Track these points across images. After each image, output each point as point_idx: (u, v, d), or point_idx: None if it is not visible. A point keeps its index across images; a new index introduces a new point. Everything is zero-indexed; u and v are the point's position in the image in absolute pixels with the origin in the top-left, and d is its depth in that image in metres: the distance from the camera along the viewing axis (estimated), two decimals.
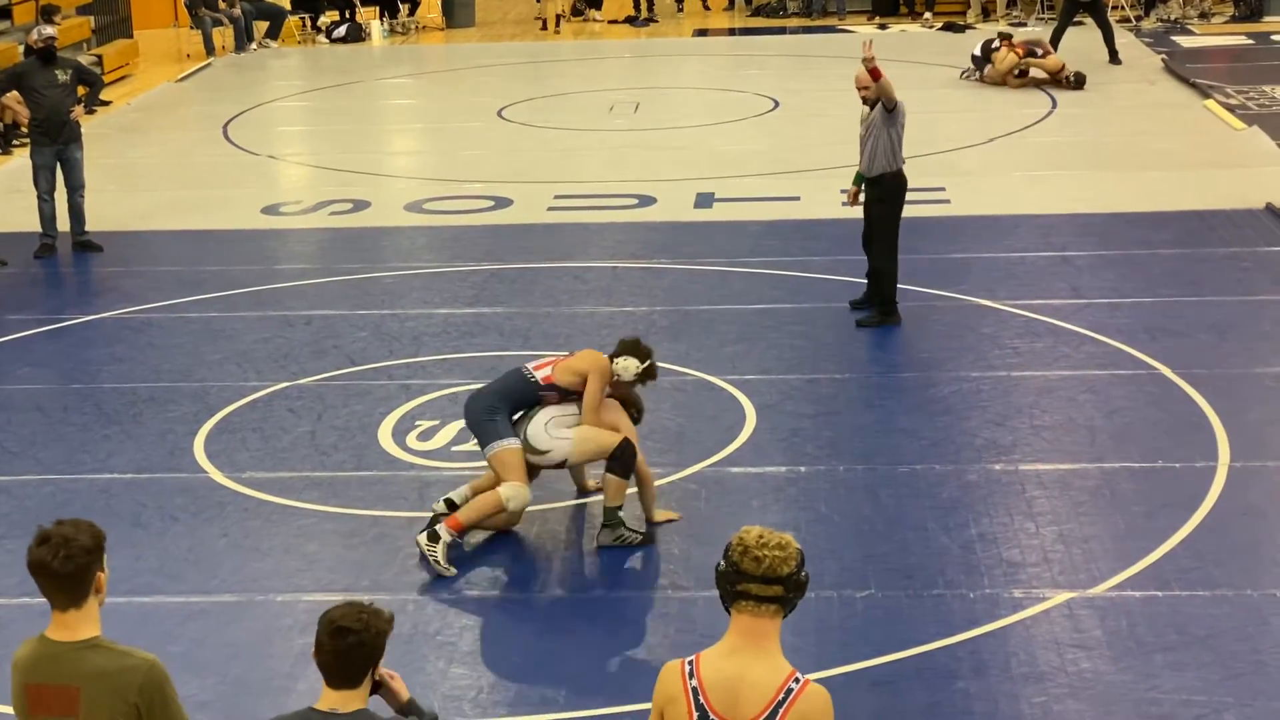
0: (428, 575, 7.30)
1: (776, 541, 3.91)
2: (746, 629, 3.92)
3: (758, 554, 3.89)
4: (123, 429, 9.12)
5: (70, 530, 4.04)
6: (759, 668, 3.90)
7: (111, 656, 4.04)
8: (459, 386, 9.58)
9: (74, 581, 4.03)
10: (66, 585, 4.03)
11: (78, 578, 4.03)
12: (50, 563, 4.00)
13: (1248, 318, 10.43)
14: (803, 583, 3.95)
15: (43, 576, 4.04)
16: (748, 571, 3.89)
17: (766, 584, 3.89)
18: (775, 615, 3.92)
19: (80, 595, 4.05)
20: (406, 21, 25.46)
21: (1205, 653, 6.39)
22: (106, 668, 4.03)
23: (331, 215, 13.99)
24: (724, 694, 3.89)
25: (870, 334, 10.39)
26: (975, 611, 6.79)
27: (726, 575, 3.93)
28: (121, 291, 11.76)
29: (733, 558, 3.91)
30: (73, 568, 4.01)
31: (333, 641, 3.96)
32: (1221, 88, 18.03)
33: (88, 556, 4.03)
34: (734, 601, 3.93)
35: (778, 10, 25.93)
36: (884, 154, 10.36)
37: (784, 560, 3.90)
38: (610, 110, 18.49)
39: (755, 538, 3.91)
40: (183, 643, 6.71)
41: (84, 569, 4.03)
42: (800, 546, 3.98)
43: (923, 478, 8.13)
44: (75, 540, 4.02)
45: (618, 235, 13.03)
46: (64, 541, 4.01)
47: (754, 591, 3.90)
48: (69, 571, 4.01)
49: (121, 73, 21.45)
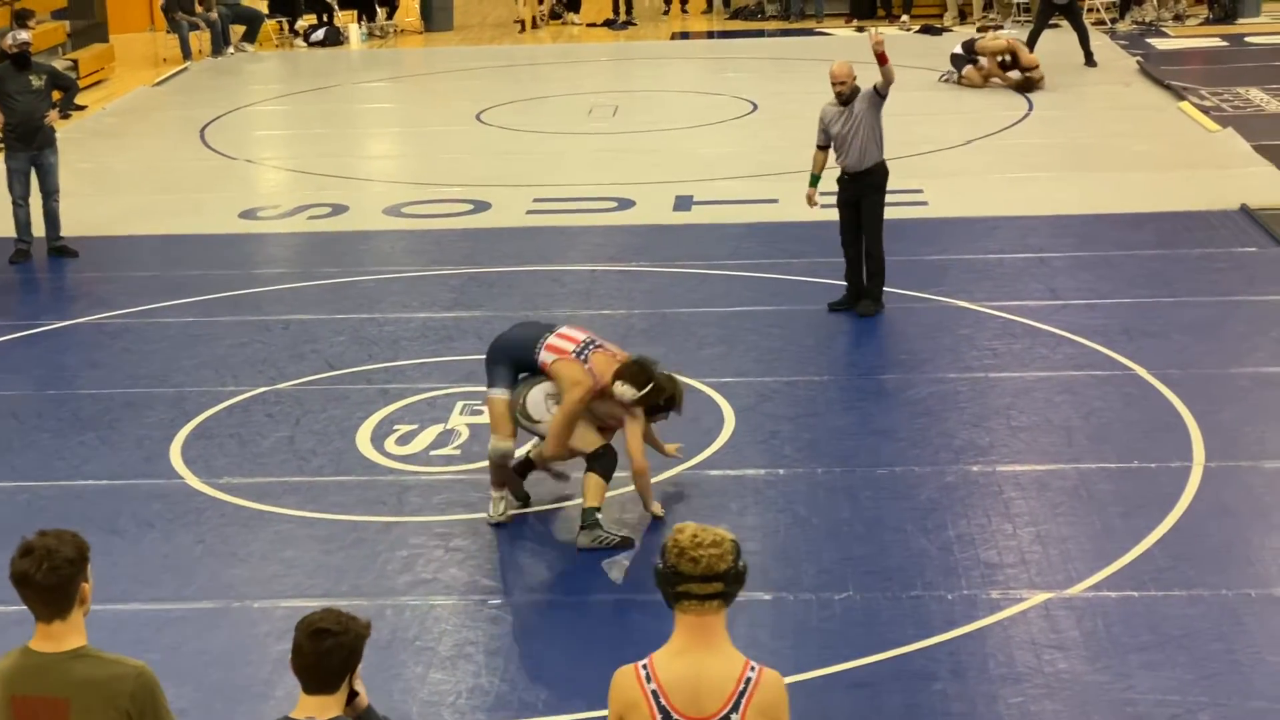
0: (406, 581, 7.29)
1: (711, 539, 3.93)
2: (693, 627, 3.96)
3: (694, 554, 3.91)
4: (99, 435, 9.09)
5: (53, 541, 4.02)
6: (714, 663, 3.94)
7: (100, 665, 4.03)
8: (437, 390, 9.58)
9: (58, 593, 4.01)
10: (51, 597, 4.01)
11: (62, 589, 4.01)
12: (34, 575, 3.98)
13: (1223, 318, 10.48)
14: (741, 574, 3.98)
15: (26, 588, 4.01)
16: (686, 572, 3.92)
17: (706, 582, 3.92)
18: (719, 610, 3.96)
19: (65, 607, 4.03)
20: (384, 25, 25.43)
21: (1181, 653, 6.41)
22: (96, 676, 4.01)
23: (309, 219, 13.96)
24: (685, 693, 3.92)
25: (848, 336, 10.40)
26: (953, 613, 6.80)
27: (666, 577, 3.96)
28: (97, 297, 11.73)
29: (670, 560, 3.94)
30: (56, 579, 3.99)
31: (312, 643, 3.94)
32: (1196, 90, 18.10)
33: (72, 568, 4.02)
34: (677, 602, 3.96)
35: (756, 13, 25.96)
36: (874, 144, 10.55)
37: (720, 557, 3.92)
38: (589, 113, 18.49)
39: (689, 538, 3.94)
40: (159, 650, 6.68)
41: (68, 580, 4.01)
42: (734, 538, 4.00)
43: (901, 479, 8.15)
44: (59, 552, 4.00)
45: (596, 238, 13.04)
46: (47, 553, 3.99)
47: (695, 591, 3.92)
48: (53, 583, 3.99)
49: (97, 77, 21.38)
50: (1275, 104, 17.32)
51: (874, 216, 10.65)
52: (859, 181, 10.62)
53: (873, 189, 10.63)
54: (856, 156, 10.56)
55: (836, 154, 10.68)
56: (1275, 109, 17.10)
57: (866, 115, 10.51)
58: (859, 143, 10.52)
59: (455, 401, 9.39)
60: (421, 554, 7.55)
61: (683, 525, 4.00)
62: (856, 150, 10.53)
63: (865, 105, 10.51)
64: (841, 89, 10.54)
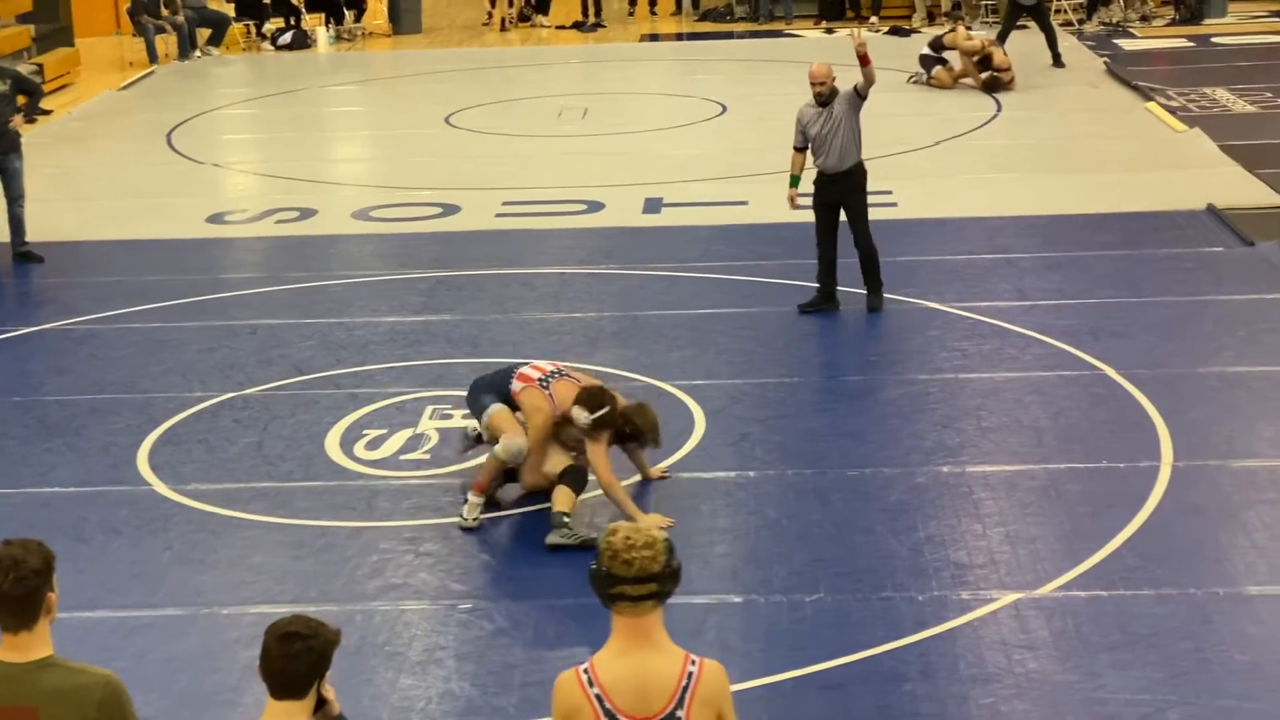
0: (376, 586, 7.26)
1: (643, 541, 3.96)
2: (631, 627, 3.98)
3: (626, 557, 3.94)
4: (65, 442, 9.03)
5: (19, 552, 4.00)
6: (655, 661, 3.97)
7: (68, 674, 4.00)
8: (406, 395, 9.55)
9: (25, 604, 3.99)
10: (18, 608, 3.99)
11: (29, 600, 3.99)
12: (1, 586, 3.96)
13: (1190, 318, 10.52)
14: (676, 571, 4.01)
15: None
16: (620, 575, 3.94)
17: (640, 583, 3.95)
18: (655, 609, 3.99)
19: (32, 617, 4.01)
20: (352, 28, 25.36)
21: (1150, 652, 6.43)
22: (63, 686, 3.99)
23: (277, 224, 13.91)
24: (629, 694, 3.93)
25: (818, 338, 10.41)
26: (924, 614, 6.81)
27: (600, 579, 3.98)
28: (63, 303, 11.65)
29: (603, 563, 3.96)
30: (23, 590, 3.97)
31: (281, 647, 3.93)
32: (1163, 90, 18.18)
33: (38, 578, 3.99)
34: (612, 603, 3.98)
35: (725, 15, 25.98)
36: (854, 145, 10.63)
37: (653, 559, 3.95)
38: (558, 116, 18.48)
39: (622, 541, 3.96)
40: (126, 657, 6.64)
41: (35, 590, 3.99)
42: (666, 537, 4.03)
43: (871, 481, 8.16)
44: (25, 562, 3.98)
45: (566, 241, 13.02)
46: (14, 564, 3.97)
47: (630, 592, 3.95)
48: (19, 594, 3.97)
49: (63, 81, 21.26)
50: (1242, 104, 17.42)
51: (861, 216, 10.73)
52: (839, 183, 10.65)
53: (854, 190, 10.70)
54: (836, 158, 10.59)
55: (815, 155, 10.71)
56: (1242, 109, 17.19)
57: (846, 116, 10.54)
58: (838, 144, 10.56)
59: (424, 406, 9.37)
60: (391, 559, 7.52)
61: (615, 526, 4.02)
62: (836, 151, 10.56)
63: (845, 106, 10.54)
64: (820, 90, 10.58)
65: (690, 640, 6.43)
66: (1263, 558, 7.20)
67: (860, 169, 10.71)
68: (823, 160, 10.66)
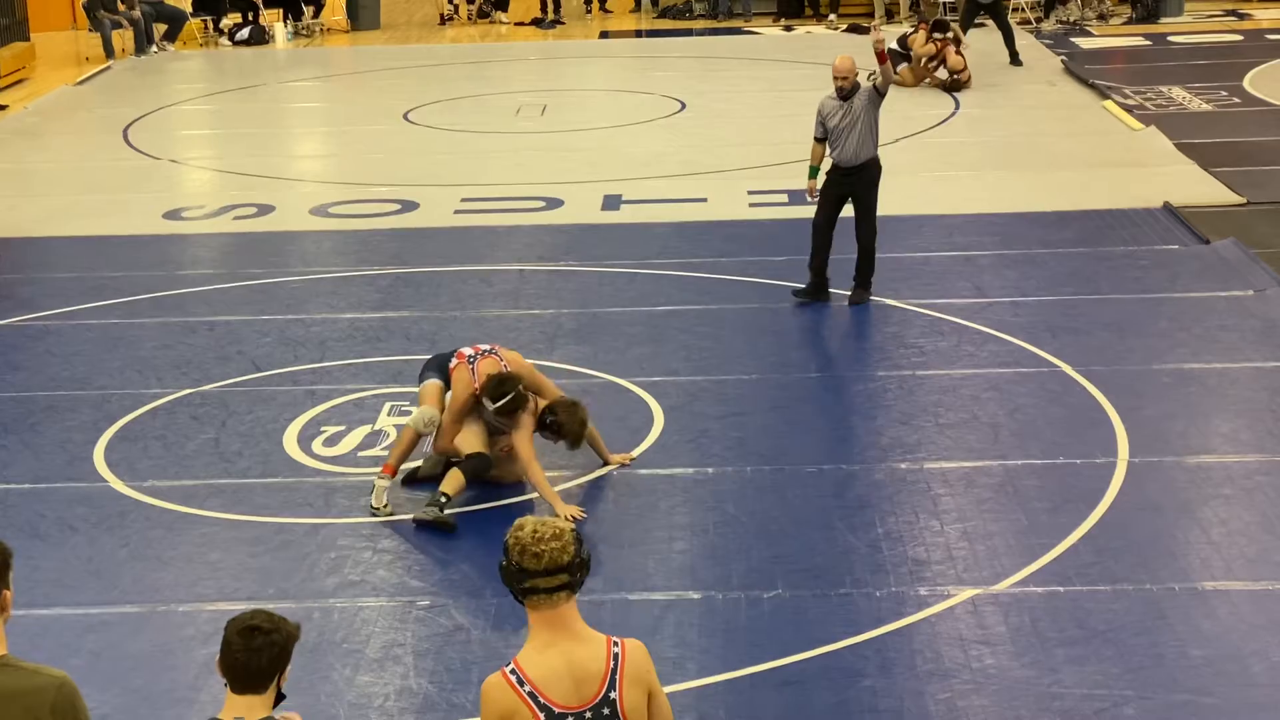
0: (334, 583, 7.24)
1: (551, 533, 3.98)
2: (549, 620, 4.00)
3: (535, 550, 3.96)
4: (20, 438, 8.96)
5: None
6: (580, 649, 3.99)
7: (21, 676, 3.96)
8: (365, 391, 9.52)
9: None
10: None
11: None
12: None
13: (1146, 315, 10.59)
14: (586, 561, 4.04)
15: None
16: (530, 568, 3.96)
17: (551, 575, 3.97)
18: (569, 599, 4.01)
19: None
20: (311, 24, 25.25)
21: (1106, 647, 6.47)
22: (17, 688, 3.95)
23: (235, 220, 13.84)
24: (561, 685, 3.95)
25: (776, 335, 10.42)
26: (881, 610, 6.83)
27: (511, 574, 4.00)
28: (18, 299, 11.56)
29: (513, 557, 3.98)
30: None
31: (242, 640, 3.92)
32: (1120, 88, 18.30)
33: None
34: (526, 597, 4.00)
35: (684, 12, 25.99)
36: (871, 140, 10.71)
37: (562, 549, 3.97)
38: (517, 112, 18.45)
39: (530, 534, 3.97)
40: (83, 655, 6.60)
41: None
42: (573, 527, 4.06)
43: (829, 477, 8.18)
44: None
45: (525, 238, 13.00)
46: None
47: (542, 585, 3.97)
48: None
49: (18, 76, 21.09)
50: (1198, 103, 17.55)
51: (869, 211, 10.84)
52: (851, 177, 10.76)
53: (867, 184, 10.81)
54: (852, 151, 10.68)
55: (831, 147, 10.80)
56: (1198, 108, 17.32)
57: (866, 111, 10.65)
58: (855, 137, 10.64)
59: (383, 402, 9.34)
60: (349, 555, 7.50)
61: (522, 521, 4.04)
62: (853, 145, 10.66)
63: (864, 102, 10.66)
64: (843, 83, 10.67)
65: (648, 636, 6.45)
66: (1218, 553, 7.26)
67: (875, 164, 10.82)
68: (839, 153, 10.74)
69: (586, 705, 3.96)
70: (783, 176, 14.62)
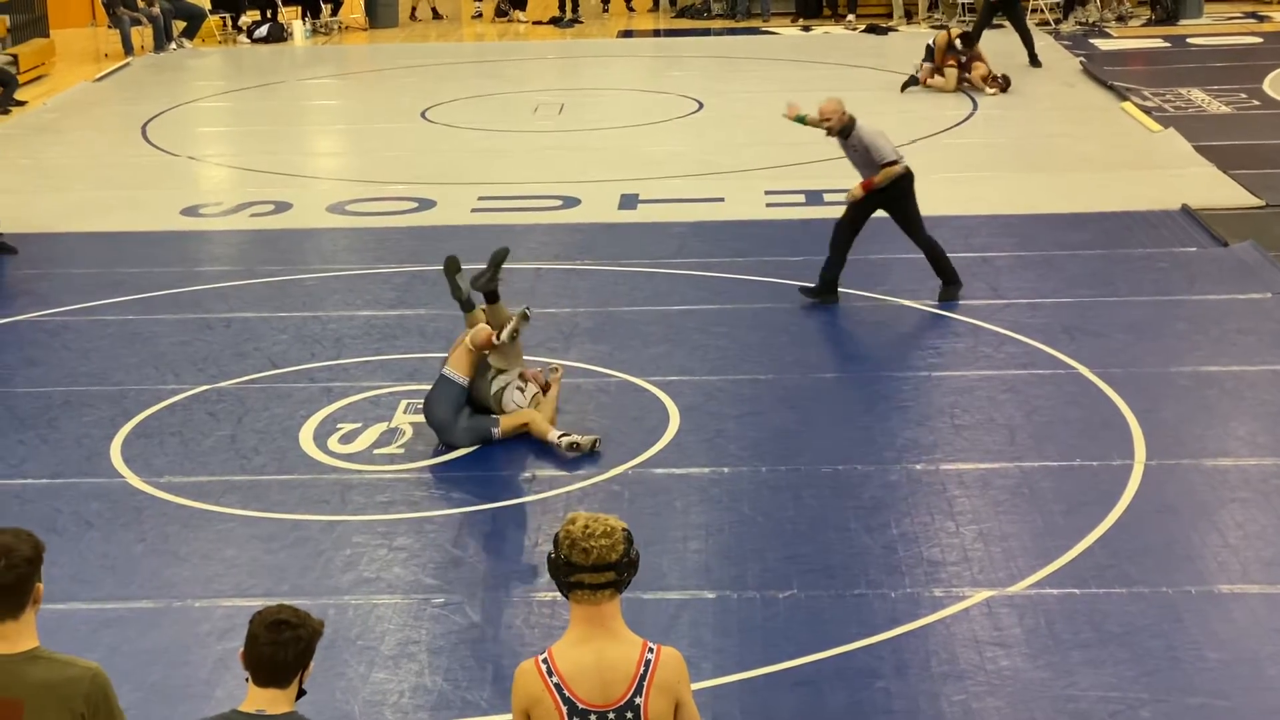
0: (349, 580, 7.25)
1: (602, 530, 3.97)
2: (589, 616, 4.01)
3: (585, 545, 3.96)
4: (38, 433, 8.99)
5: (10, 540, 4.01)
6: (613, 649, 3.99)
7: (54, 667, 4.00)
8: (381, 389, 9.53)
9: (14, 592, 3.99)
10: (6, 596, 3.99)
11: (18, 588, 3.99)
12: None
13: (1163, 318, 10.56)
14: (634, 561, 4.04)
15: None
16: (578, 563, 3.97)
17: (598, 572, 3.98)
18: (613, 598, 4.01)
19: (19, 606, 4.01)
20: (329, 21, 25.29)
21: (1121, 649, 6.46)
22: (50, 679, 3.98)
23: (252, 217, 13.87)
24: (588, 682, 3.95)
25: (792, 335, 10.39)
26: (896, 611, 6.82)
27: (559, 567, 4.00)
28: (37, 294, 11.60)
29: (562, 551, 3.98)
30: (13, 578, 3.97)
31: (269, 634, 3.95)
32: (1139, 90, 18.25)
33: (29, 567, 4.01)
34: (570, 592, 4.00)
35: (702, 12, 25.98)
36: (865, 166, 10.55)
37: (611, 548, 3.97)
38: (534, 111, 18.46)
39: (581, 529, 3.98)
40: (99, 650, 6.61)
41: (25, 579, 4.00)
42: (625, 526, 4.03)
43: (845, 478, 8.17)
44: (16, 550, 3.98)
45: (541, 236, 13.00)
46: (5, 551, 3.97)
47: (588, 581, 3.98)
48: (9, 582, 3.98)
49: (38, 72, 21.15)
50: (1217, 105, 17.50)
51: (909, 220, 10.70)
52: (876, 197, 10.63)
53: (892, 200, 10.64)
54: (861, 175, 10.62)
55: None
56: (1217, 110, 17.27)
57: (865, 156, 10.49)
58: (864, 170, 10.56)
59: (399, 400, 9.35)
60: (364, 553, 7.51)
61: (574, 515, 4.03)
62: (857, 177, 10.59)
63: (864, 149, 10.44)
64: (828, 125, 10.48)
65: (663, 635, 6.45)
66: (1234, 556, 7.24)
67: (890, 186, 10.54)
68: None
69: (610, 706, 3.96)
70: (800, 177, 14.61)
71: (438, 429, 8.66)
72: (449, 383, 8.65)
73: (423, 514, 7.92)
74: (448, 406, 8.62)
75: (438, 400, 8.66)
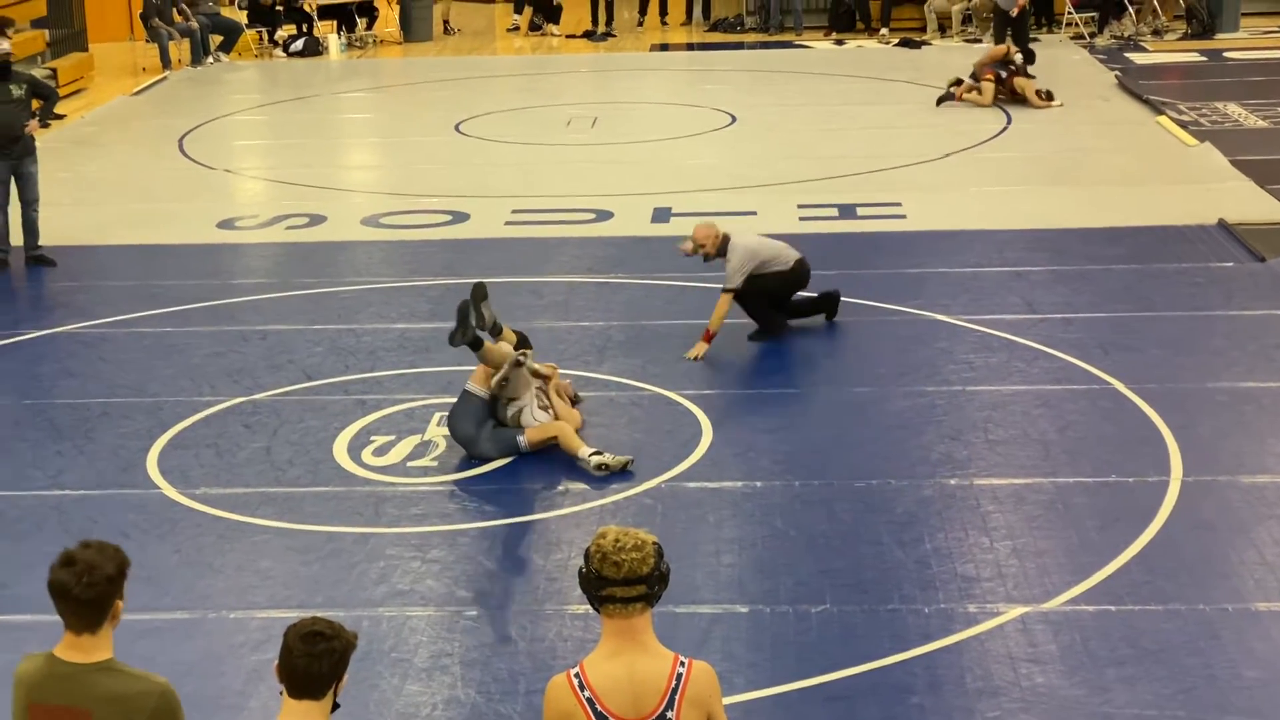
0: (382, 592, 7.27)
1: (633, 544, 3.98)
2: (620, 629, 4.01)
3: (616, 559, 3.97)
4: (75, 445, 9.05)
5: (95, 557, 4.08)
6: (645, 662, 4.00)
7: (125, 680, 4.05)
8: (415, 402, 9.56)
9: (94, 608, 4.06)
10: (86, 611, 4.06)
11: (98, 604, 4.06)
12: (72, 588, 4.03)
13: (1200, 333, 10.51)
14: (665, 575, 4.05)
15: (63, 600, 4.06)
16: (609, 576, 3.97)
17: (630, 585, 3.98)
18: (644, 611, 4.02)
19: (98, 621, 4.08)
20: (364, 35, 25.41)
21: (1158, 667, 6.42)
22: (120, 691, 4.03)
23: (287, 230, 13.93)
24: (620, 696, 3.95)
25: (825, 349, 10.40)
26: (930, 626, 6.80)
27: (590, 581, 4.00)
28: (75, 306, 11.68)
29: (593, 564, 3.98)
30: (94, 595, 4.04)
31: (305, 645, 3.96)
32: (1174, 104, 18.18)
33: (111, 585, 4.08)
34: (601, 605, 4.01)
35: (735, 26, 26.00)
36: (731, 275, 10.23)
37: (642, 561, 3.97)
38: (568, 125, 18.50)
39: (612, 543, 3.98)
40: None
41: (105, 597, 4.06)
42: (656, 539, 4.03)
43: (878, 492, 8.15)
44: (100, 569, 4.05)
45: (574, 250, 13.02)
46: (89, 569, 4.05)
47: (619, 594, 3.99)
48: (89, 598, 4.05)
49: (76, 86, 21.31)
50: (1253, 119, 17.41)
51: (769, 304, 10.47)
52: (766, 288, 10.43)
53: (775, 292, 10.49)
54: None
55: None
56: (1253, 124, 17.18)
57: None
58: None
59: (432, 413, 9.37)
60: (398, 565, 7.53)
61: (605, 529, 4.04)
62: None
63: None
64: (704, 250, 10.22)
65: (696, 649, 6.45)
66: (1272, 574, 7.19)
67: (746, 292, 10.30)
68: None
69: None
70: (832, 190, 14.60)
71: (464, 443, 8.70)
72: (470, 397, 8.72)
73: (456, 526, 7.93)
74: (470, 420, 8.68)
75: (460, 415, 8.71)
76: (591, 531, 7.67)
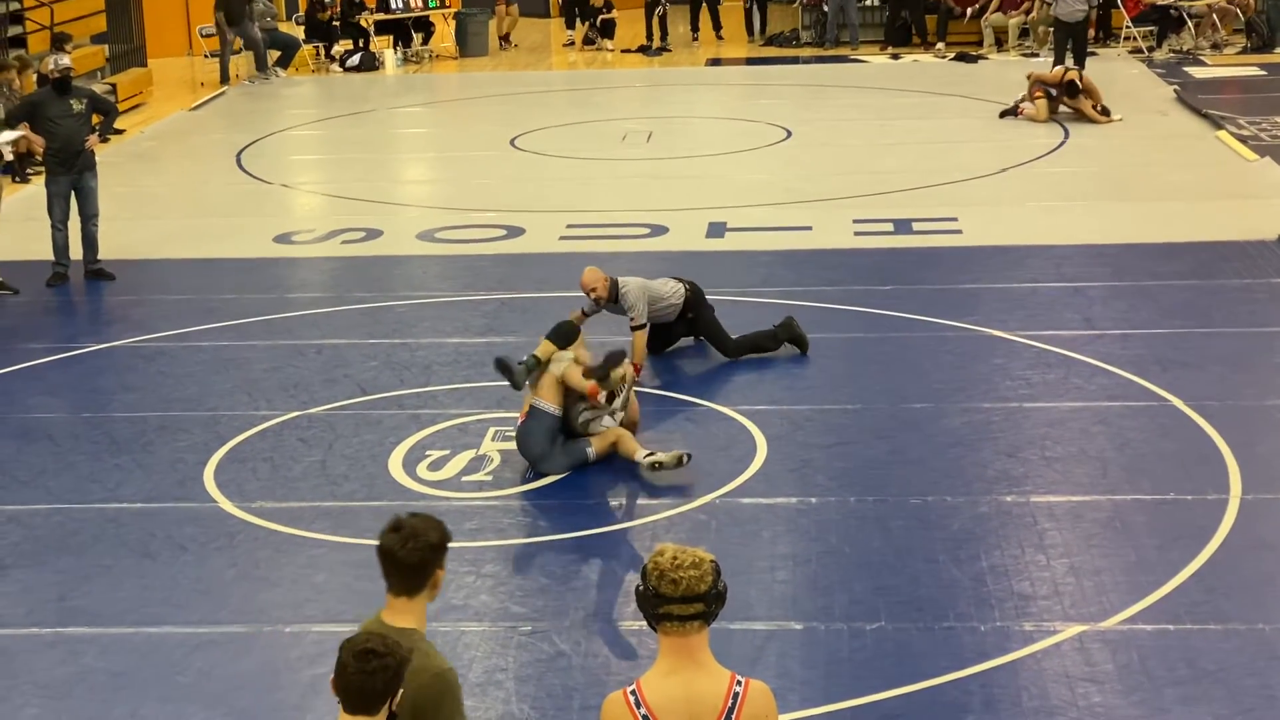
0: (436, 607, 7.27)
1: (691, 561, 3.97)
2: (677, 647, 4.00)
3: (674, 576, 3.96)
4: (133, 458, 9.13)
5: (421, 524, 4.33)
6: (701, 681, 3.98)
7: (415, 655, 4.14)
8: (469, 416, 9.58)
9: (415, 572, 4.30)
10: (407, 573, 4.30)
11: (419, 569, 4.30)
12: (397, 551, 4.28)
13: (1260, 349, 10.40)
14: (722, 593, 4.04)
15: (388, 562, 4.31)
16: (667, 594, 3.97)
17: (687, 603, 3.98)
18: (701, 629, 4.01)
19: (417, 586, 4.31)
20: (420, 50, 25.56)
21: (1216, 687, 6.35)
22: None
23: (343, 244, 14.02)
24: (676, 715, 3.95)
25: (881, 365, 10.36)
26: (986, 644, 6.76)
27: (647, 599, 4.00)
28: (133, 320, 11.79)
29: (650, 582, 3.97)
30: (416, 559, 4.28)
31: (358, 662, 3.98)
32: (1234, 119, 18.02)
33: (433, 552, 4.31)
34: (659, 623, 4.00)
35: (791, 40, 25.99)
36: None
37: (700, 579, 3.96)
38: (623, 139, 18.53)
39: (669, 560, 3.98)
40: (190, 673, 6.70)
41: (427, 563, 4.30)
42: (714, 558, 4.03)
43: (934, 509, 8.11)
44: (424, 535, 4.30)
45: (629, 264, 12.98)
46: (413, 534, 4.29)
47: (676, 612, 3.98)
48: (412, 561, 4.29)
49: (135, 101, 21.54)
50: None
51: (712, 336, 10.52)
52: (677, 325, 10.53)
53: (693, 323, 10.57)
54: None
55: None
56: None
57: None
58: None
59: (487, 427, 9.40)
60: (452, 580, 7.53)
61: (663, 547, 4.04)
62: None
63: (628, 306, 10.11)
64: (595, 295, 10.10)
65: (750, 666, 6.42)
66: None
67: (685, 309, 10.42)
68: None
69: None
70: (888, 205, 14.55)
71: (534, 461, 8.69)
72: (542, 414, 8.69)
73: (510, 541, 7.95)
74: (543, 438, 8.65)
75: (532, 432, 8.68)
76: (646, 547, 7.67)
